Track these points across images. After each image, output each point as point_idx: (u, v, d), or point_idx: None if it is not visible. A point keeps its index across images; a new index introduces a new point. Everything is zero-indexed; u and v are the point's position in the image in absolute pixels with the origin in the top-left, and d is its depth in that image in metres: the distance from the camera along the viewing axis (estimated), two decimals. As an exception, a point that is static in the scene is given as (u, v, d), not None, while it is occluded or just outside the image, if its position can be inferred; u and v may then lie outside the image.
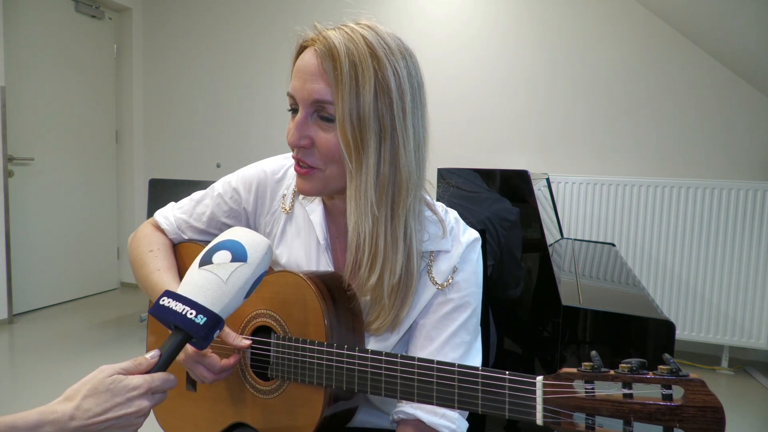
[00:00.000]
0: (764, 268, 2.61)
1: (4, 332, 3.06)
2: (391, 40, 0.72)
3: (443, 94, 3.25)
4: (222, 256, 0.67)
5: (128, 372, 0.61)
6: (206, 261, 0.67)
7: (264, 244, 0.70)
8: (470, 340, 0.80)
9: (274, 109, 3.74)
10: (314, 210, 0.86)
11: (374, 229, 0.73)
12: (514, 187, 1.59)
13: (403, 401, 0.78)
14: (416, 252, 0.76)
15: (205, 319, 0.62)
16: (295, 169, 0.77)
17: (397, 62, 0.71)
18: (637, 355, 1.26)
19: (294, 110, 0.75)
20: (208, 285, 0.64)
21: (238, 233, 0.71)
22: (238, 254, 0.67)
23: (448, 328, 0.79)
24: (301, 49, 0.75)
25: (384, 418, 0.89)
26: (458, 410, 0.76)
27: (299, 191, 0.78)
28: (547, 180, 2.56)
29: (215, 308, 0.63)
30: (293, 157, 0.76)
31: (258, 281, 0.70)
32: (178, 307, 0.63)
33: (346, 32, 0.71)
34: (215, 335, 0.64)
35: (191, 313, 0.62)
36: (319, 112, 0.72)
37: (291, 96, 0.74)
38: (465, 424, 0.78)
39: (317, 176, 0.75)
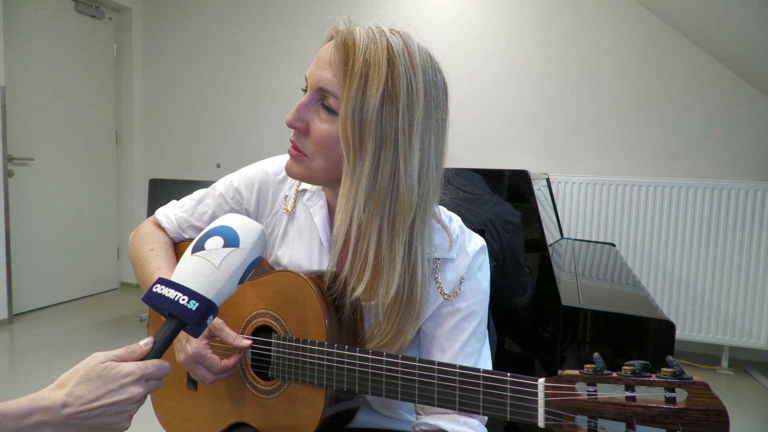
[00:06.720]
0: (764, 268, 2.61)
1: (4, 332, 3.05)
2: (418, 54, 0.70)
3: (443, 94, 3.24)
4: (214, 242, 0.67)
5: (121, 359, 0.60)
6: (199, 247, 0.67)
7: (256, 229, 0.70)
8: (480, 347, 0.80)
9: (275, 109, 3.73)
10: (318, 212, 0.85)
11: (364, 238, 0.71)
12: (514, 187, 1.59)
13: (423, 412, 0.77)
14: (422, 276, 0.74)
15: (197, 304, 0.62)
16: (288, 150, 0.77)
17: (414, 76, 0.69)
18: (638, 355, 1.26)
19: (305, 92, 0.75)
20: (200, 271, 0.64)
21: (230, 220, 0.70)
22: (230, 240, 0.67)
23: (459, 338, 0.78)
24: (330, 38, 0.74)
25: (385, 420, 0.89)
26: (479, 417, 0.75)
27: (286, 171, 0.78)
28: (547, 180, 2.56)
29: (208, 294, 0.63)
30: (290, 140, 0.76)
31: (252, 267, 0.69)
32: (171, 293, 0.62)
33: (372, 32, 0.70)
34: (209, 321, 0.64)
35: (183, 299, 0.62)
36: (323, 100, 0.72)
37: (306, 79, 0.74)
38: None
39: (304, 163, 0.75)
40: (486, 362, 0.81)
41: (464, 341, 0.78)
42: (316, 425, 0.75)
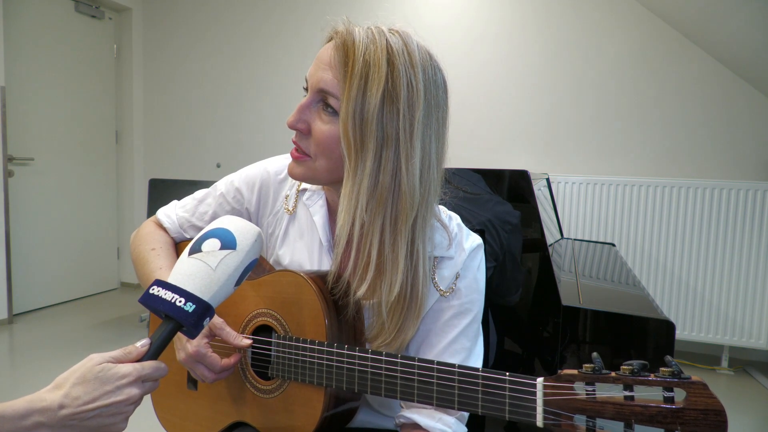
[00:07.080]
0: (764, 268, 2.61)
1: (4, 332, 3.05)
2: (417, 53, 0.70)
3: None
4: (211, 245, 0.67)
5: (118, 360, 0.61)
6: (196, 249, 0.67)
7: (253, 231, 0.70)
8: (470, 346, 0.80)
9: (275, 109, 3.73)
10: (317, 212, 0.85)
11: (367, 237, 0.71)
12: (514, 187, 1.58)
13: (405, 406, 0.78)
14: (423, 275, 0.74)
15: (194, 306, 0.62)
16: (291, 152, 0.77)
17: (414, 75, 0.69)
18: (637, 355, 1.26)
19: (306, 93, 0.75)
20: (197, 273, 0.64)
21: (227, 222, 0.70)
22: (228, 242, 0.67)
23: (448, 334, 0.78)
24: (329, 39, 0.74)
25: (384, 420, 0.89)
26: (457, 415, 0.76)
27: (289, 173, 0.78)
28: (547, 180, 2.56)
29: (204, 296, 0.63)
30: (292, 141, 0.76)
31: (248, 269, 0.70)
32: (168, 295, 0.63)
33: (371, 32, 0.70)
34: (205, 323, 0.64)
35: (180, 301, 0.62)
36: (323, 101, 0.72)
37: (306, 80, 0.75)
38: (463, 430, 0.78)
39: (307, 164, 0.75)
40: (476, 361, 0.80)
41: (453, 338, 0.78)
42: (316, 425, 0.75)
